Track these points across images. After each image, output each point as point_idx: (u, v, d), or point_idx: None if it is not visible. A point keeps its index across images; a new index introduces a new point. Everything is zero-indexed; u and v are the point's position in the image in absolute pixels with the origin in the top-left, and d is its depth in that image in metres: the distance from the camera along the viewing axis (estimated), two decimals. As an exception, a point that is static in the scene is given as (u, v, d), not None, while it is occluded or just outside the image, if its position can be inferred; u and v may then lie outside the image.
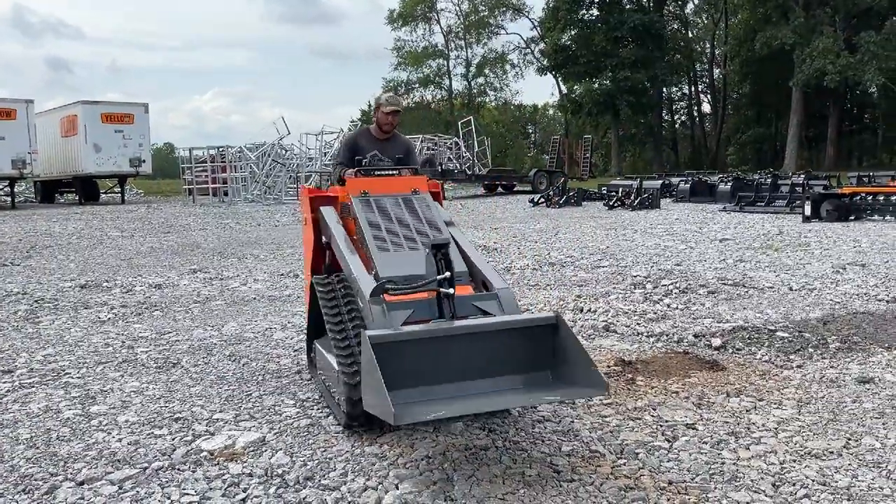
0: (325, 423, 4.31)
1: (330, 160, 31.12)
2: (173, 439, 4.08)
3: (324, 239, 4.88)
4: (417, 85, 63.05)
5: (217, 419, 4.39)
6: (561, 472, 3.58)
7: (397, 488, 3.47)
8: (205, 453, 3.87)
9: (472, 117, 38.32)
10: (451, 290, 3.91)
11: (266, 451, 3.91)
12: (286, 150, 32.52)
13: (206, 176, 30.24)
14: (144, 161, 30.10)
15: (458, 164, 32.70)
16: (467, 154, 33.62)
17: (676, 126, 63.77)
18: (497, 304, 4.09)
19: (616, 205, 21.76)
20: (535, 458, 3.76)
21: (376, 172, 4.92)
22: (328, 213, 4.86)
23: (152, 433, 4.19)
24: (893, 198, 16.10)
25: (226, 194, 29.59)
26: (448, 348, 3.76)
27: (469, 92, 63.31)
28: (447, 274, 3.93)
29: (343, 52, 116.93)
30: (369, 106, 65.24)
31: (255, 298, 8.42)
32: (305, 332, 5.24)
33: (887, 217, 15.75)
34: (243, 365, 5.58)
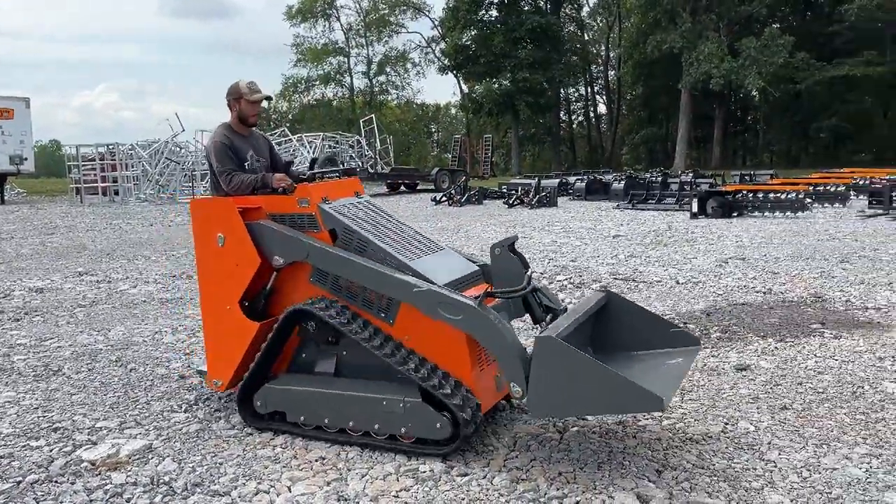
0: (216, 427, 4.20)
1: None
2: (51, 450, 3.88)
3: (279, 260, 4.07)
4: (318, 82, 62.21)
5: (100, 427, 4.21)
6: (454, 468, 3.62)
7: (290, 490, 3.42)
8: (85, 464, 3.70)
9: (373, 115, 38.15)
10: (538, 287, 4.02)
11: (152, 458, 3.78)
12: (181, 148, 31.41)
13: (96, 175, 28.86)
14: (26, 159, 28.36)
15: (360, 163, 32.47)
16: (370, 153, 33.44)
17: (574, 126, 65.49)
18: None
19: (515, 203, 22.15)
20: (429, 453, 3.78)
21: (326, 176, 4.52)
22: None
23: (28, 445, 3.97)
24: (772, 195, 17.07)
25: (116, 193, 28.33)
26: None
27: (371, 90, 62.96)
28: (531, 272, 3.99)
29: (240, 48, 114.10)
30: (270, 100, 63.86)
31: (145, 301, 8.10)
32: (239, 382, 4.16)
33: (766, 213, 16.68)
34: (130, 370, 5.36)
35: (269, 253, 4.08)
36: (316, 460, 3.74)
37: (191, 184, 28.96)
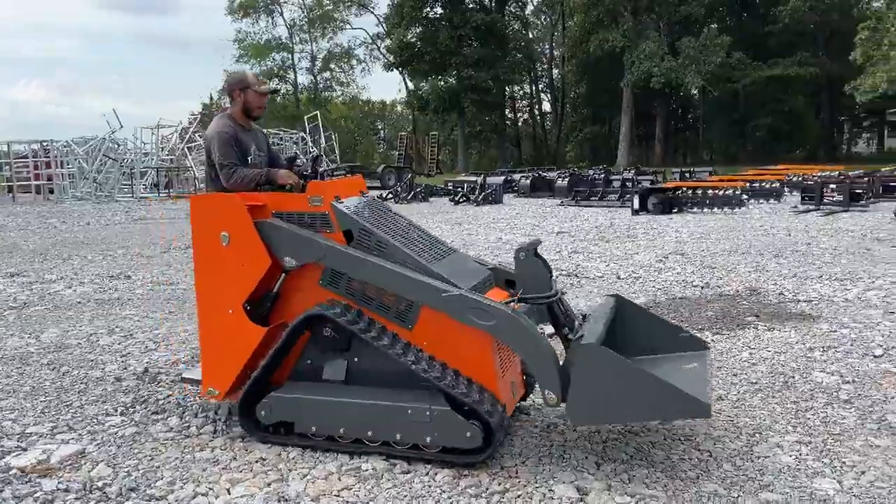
0: (154, 430, 4.11)
1: (190, 160, 29.79)
2: (-23, 458, 3.74)
3: (290, 261, 3.84)
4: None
5: (30, 433, 4.07)
6: (396, 465, 3.61)
7: (229, 493, 3.37)
8: (14, 471, 3.58)
9: (318, 112, 37.84)
10: (563, 293, 3.92)
11: (85, 463, 3.67)
12: (119, 145, 30.66)
13: (28, 172, 27.92)
14: (-50, 156, 27.36)
15: (305, 160, 32.17)
16: (314, 149, 33.14)
17: (520, 124, 65.99)
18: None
19: (461, 200, 22.23)
20: (371, 451, 3.76)
21: (335, 174, 4.38)
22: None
23: (-47, 453, 3.82)
24: (710, 192, 17.50)
25: (51, 192, 27.46)
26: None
27: (315, 86, 62.40)
28: (556, 277, 3.92)
29: (180, 43, 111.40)
30: (212, 98, 62.64)
31: (80, 302, 7.87)
32: (238, 390, 3.92)
33: (705, 209, 17.10)
34: (63, 374, 5.20)
35: (280, 254, 3.83)
36: (256, 461, 3.69)
37: (130, 182, 28.27)
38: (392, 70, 54.20)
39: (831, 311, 6.62)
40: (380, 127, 75.99)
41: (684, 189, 18.01)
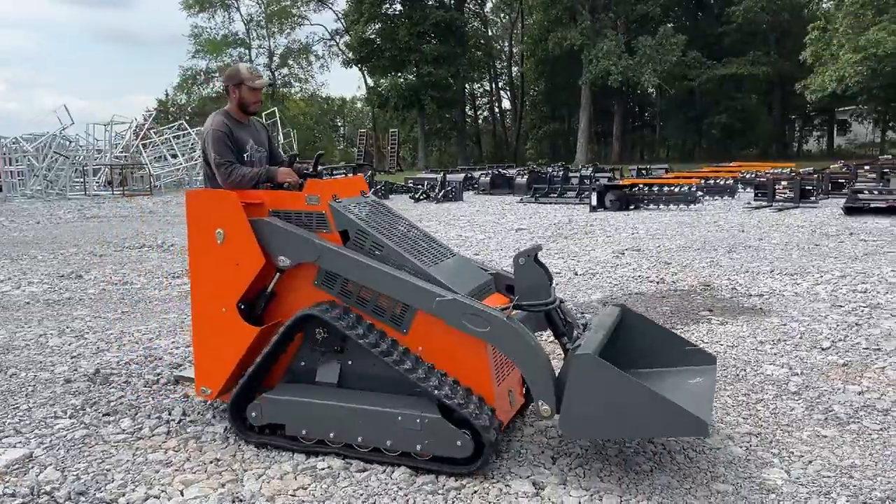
0: (104, 432, 4.03)
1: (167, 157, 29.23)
2: (-81, 464, 3.62)
3: (285, 261, 3.76)
4: (217, 74, 60.49)
5: (-25, 438, 3.96)
6: (353, 464, 3.59)
7: (182, 495, 3.32)
8: (-42, 477, 3.47)
9: (276, 109, 37.42)
10: (563, 301, 3.80)
11: (33, 467, 3.58)
12: (70, 142, 29.96)
13: (-25, 170, 27.11)
14: None
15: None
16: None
17: (480, 121, 66.15)
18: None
19: (422, 197, 22.20)
20: (327, 451, 3.74)
21: (333, 172, 4.29)
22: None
23: None
24: (666, 188, 17.76)
25: (0, 189, 26.72)
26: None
27: (273, 82, 61.73)
28: (556, 284, 3.79)
29: (134, 38, 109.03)
30: (167, 95, 61.61)
31: (28, 303, 7.67)
32: (231, 390, 3.85)
33: (661, 206, 17.34)
34: (10, 376, 5.06)
35: (275, 253, 3.77)
36: (210, 462, 3.64)
37: (82, 179, 27.65)
38: (351, 66, 53.76)
39: (781, 305, 6.78)
40: (339, 124, 75.52)
41: (641, 186, 18.24)
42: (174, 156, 31.67)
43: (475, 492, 3.32)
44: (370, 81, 55.64)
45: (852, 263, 8.85)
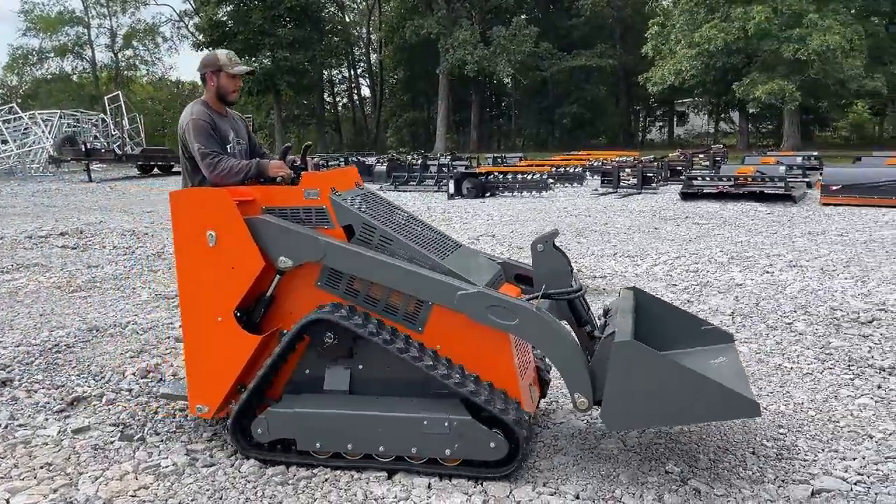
0: (-82, 443, 3.69)
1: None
2: None
3: (286, 262, 3.46)
4: (53, 54, 56.30)
5: None
6: (199, 459, 3.50)
7: (8, 503, 3.10)
8: None
9: (120, 92, 35.34)
10: (583, 290, 3.61)
11: None
12: None
13: None
14: None
15: (106, 143, 29.99)
16: (116, 132, 31.00)
17: (339, 108, 65.44)
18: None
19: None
20: (172, 449, 3.62)
21: (332, 164, 3.77)
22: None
23: None
24: (520, 176, 18.33)
25: None
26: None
27: (116, 65, 58.24)
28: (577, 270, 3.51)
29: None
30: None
31: None
32: (229, 405, 3.57)
33: (515, 193, 17.88)
34: None
35: (274, 253, 3.46)
36: (41, 467, 3.43)
37: None
38: (202, 49, 51.54)
39: (623, 286, 7.18)
40: (191, 109, 72.29)
41: (496, 174, 18.72)
42: (4, 142, 29.23)
43: (326, 480, 3.32)
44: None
45: (686, 245, 9.51)
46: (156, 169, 30.45)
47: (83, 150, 27.16)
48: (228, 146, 3.88)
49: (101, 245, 10.59)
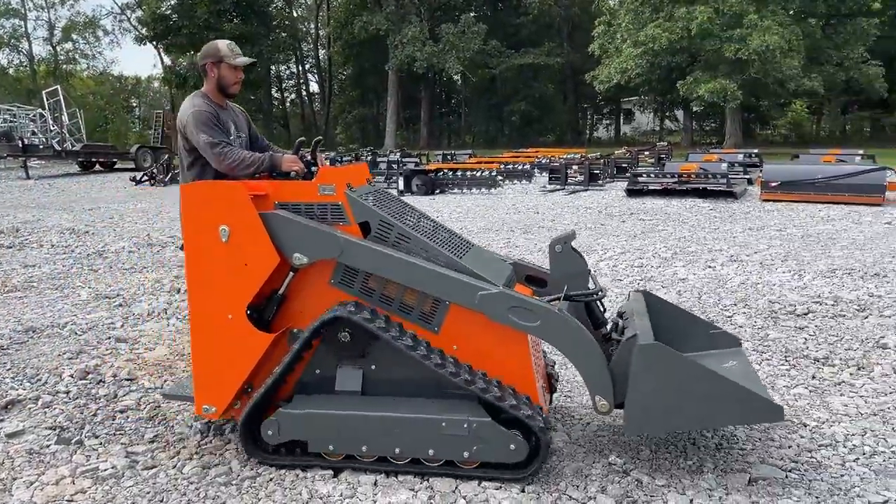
0: None
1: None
2: None
3: (301, 258, 3.35)
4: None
5: None
6: (139, 462, 3.42)
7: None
8: None
9: (59, 86, 34.28)
10: (604, 291, 3.56)
11: None
12: None
13: None
14: None
15: (44, 139, 29.08)
16: (55, 127, 30.06)
17: (287, 104, 64.68)
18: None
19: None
20: (112, 452, 3.54)
21: (344, 159, 3.60)
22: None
23: None
24: (469, 173, 18.39)
25: None
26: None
27: (55, 58, 56.54)
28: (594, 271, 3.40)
29: None
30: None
31: None
32: (236, 407, 3.49)
33: (464, 190, 17.94)
34: None
35: (289, 250, 3.34)
36: (-30, 473, 3.31)
37: None
38: (145, 44, 50.43)
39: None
40: (135, 104, 70.67)
41: (446, 171, 18.74)
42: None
43: (270, 479, 3.29)
44: (167, 60, 52.59)
45: (631, 241, 9.67)
46: (97, 165, 29.69)
47: (20, 146, 26.33)
48: (230, 139, 3.77)
49: (38, 244, 10.29)
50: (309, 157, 3.80)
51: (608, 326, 3.55)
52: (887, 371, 4.56)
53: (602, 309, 3.63)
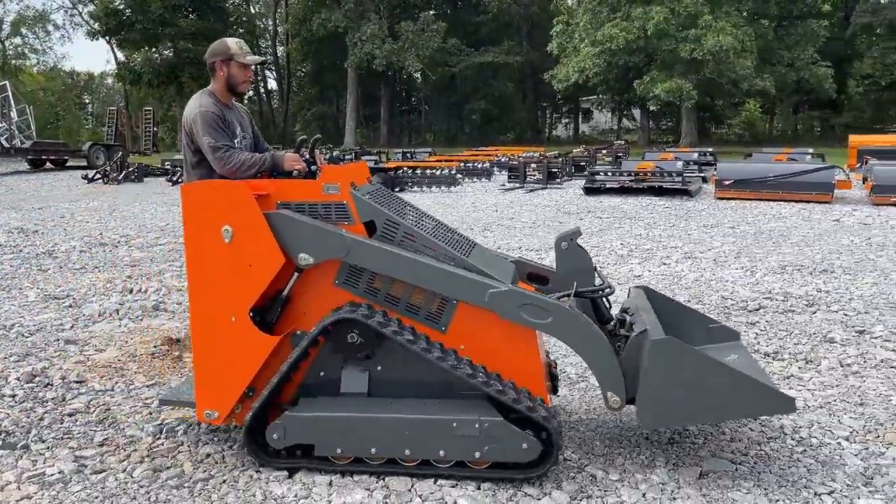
0: None
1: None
2: None
3: (307, 259, 3.29)
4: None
5: None
6: (88, 466, 3.35)
7: None
8: None
9: (7, 82, 33.35)
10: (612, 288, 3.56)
11: None
12: None
13: None
14: None
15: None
16: (4, 124, 29.24)
17: (245, 101, 63.96)
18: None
19: (180, 180, 21.02)
20: (59, 456, 3.46)
21: (346, 158, 3.48)
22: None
23: None
24: (429, 171, 18.39)
25: None
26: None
27: (3, 53, 55.04)
28: (600, 269, 3.39)
29: None
30: None
31: None
32: (238, 411, 3.42)
33: (424, 188, 17.92)
34: None
35: (294, 250, 3.28)
36: (-88, 481, 3.21)
37: None
38: (97, 39, 49.34)
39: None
40: (87, 101, 69.17)
41: (405, 169, 18.71)
42: None
43: (224, 481, 3.24)
44: (121, 56, 51.58)
45: (588, 238, 9.76)
46: (48, 163, 29.00)
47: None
48: (236, 140, 3.70)
49: (-15, 243, 10.00)
50: (308, 156, 3.77)
51: (613, 322, 3.56)
52: (833, 364, 4.68)
53: (608, 305, 3.64)
